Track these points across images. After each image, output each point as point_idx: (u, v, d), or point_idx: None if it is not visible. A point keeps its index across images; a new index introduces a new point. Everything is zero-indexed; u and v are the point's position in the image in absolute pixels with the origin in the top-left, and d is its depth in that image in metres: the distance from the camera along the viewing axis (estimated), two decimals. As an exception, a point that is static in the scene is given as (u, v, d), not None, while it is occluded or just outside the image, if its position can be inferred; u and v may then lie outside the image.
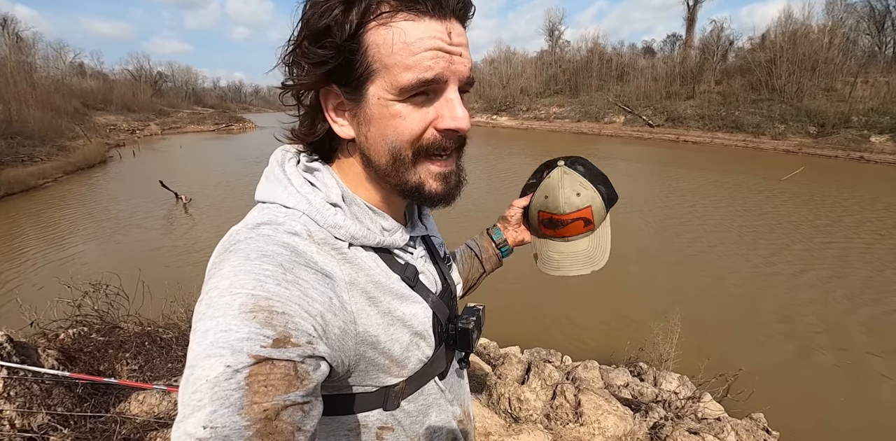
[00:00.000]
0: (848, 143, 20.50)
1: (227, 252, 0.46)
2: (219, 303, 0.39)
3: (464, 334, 0.63)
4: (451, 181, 0.53)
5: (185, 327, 2.73)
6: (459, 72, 0.48)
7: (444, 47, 0.46)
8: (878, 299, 5.89)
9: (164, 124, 38.48)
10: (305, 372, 0.39)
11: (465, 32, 0.50)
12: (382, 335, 0.51)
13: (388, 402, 0.55)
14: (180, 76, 64.81)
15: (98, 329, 2.34)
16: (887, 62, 25.62)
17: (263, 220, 0.49)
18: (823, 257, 7.49)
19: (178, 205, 11.58)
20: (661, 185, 14.02)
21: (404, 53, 0.45)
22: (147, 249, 8.36)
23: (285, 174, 0.54)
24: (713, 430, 2.29)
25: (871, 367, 4.40)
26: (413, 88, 0.46)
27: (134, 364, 2.13)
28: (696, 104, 28.49)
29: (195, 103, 60.42)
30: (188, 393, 0.35)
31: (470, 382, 0.82)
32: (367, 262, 0.53)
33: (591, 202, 0.79)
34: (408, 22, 0.45)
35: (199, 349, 0.37)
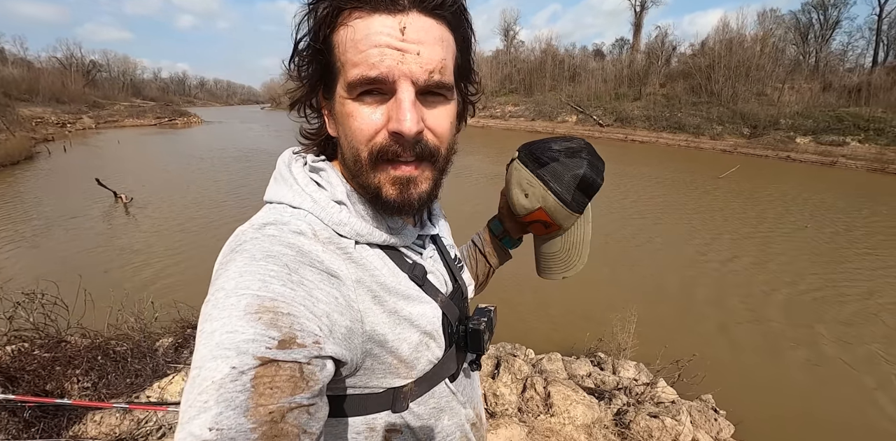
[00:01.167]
0: (777, 144, 22.38)
1: (233, 253, 0.45)
2: (224, 304, 0.39)
3: (475, 335, 0.61)
4: (409, 189, 0.50)
5: (139, 338, 2.55)
6: (411, 72, 0.45)
7: (391, 43, 0.44)
8: (793, 282, 6.50)
9: (98, 117, 35.61)
10: (311, 373, 0.39)
11: (441, 27, 0.47)
12: (390, 334, 0.51)
13: (397, 404, 0.55)
14: (117, 66, 60.25)
15: (41, 344, 2.13)
16: (810, 70, 28.19)
17: (269, 220, 0.49)
18: (746, 246, 8.15)
19: (118, 205, 10.76)
20: (607, 180, 14.67)
21: (353, 51, 0.45)
22: (85, 254, 7.71)
23: (291, 174, 0.54)
24: (670, 413, 2.45)
25: (793, 342, 4.87)
26: (358, 85, 0.46)
27: (86, 381, 1.95)
28: (643, 105, 30.01)
29: (134, 95, 56.38)
30: (194, 394, 0.35)
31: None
32: (374, 260, 0.52)
33: (542, 202, 0.68)
34: (358, 20, 0.45)
35: (205, 350, 0.37)
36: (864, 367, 4.46)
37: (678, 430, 2.29)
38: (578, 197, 0.68)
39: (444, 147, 0.51)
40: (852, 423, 3.64)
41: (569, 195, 0.67)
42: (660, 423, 2.31)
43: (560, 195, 0.67)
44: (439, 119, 0.49)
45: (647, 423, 2.29)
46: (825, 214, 10.81)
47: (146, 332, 2.73)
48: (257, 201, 0.56)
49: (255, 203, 10.88)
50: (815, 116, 22.72)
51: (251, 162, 17.75)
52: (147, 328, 2.84)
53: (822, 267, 7.27)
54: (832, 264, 7.40)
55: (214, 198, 11.62)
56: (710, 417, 2.93)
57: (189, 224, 9.40)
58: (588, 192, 0.68)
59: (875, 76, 23.84)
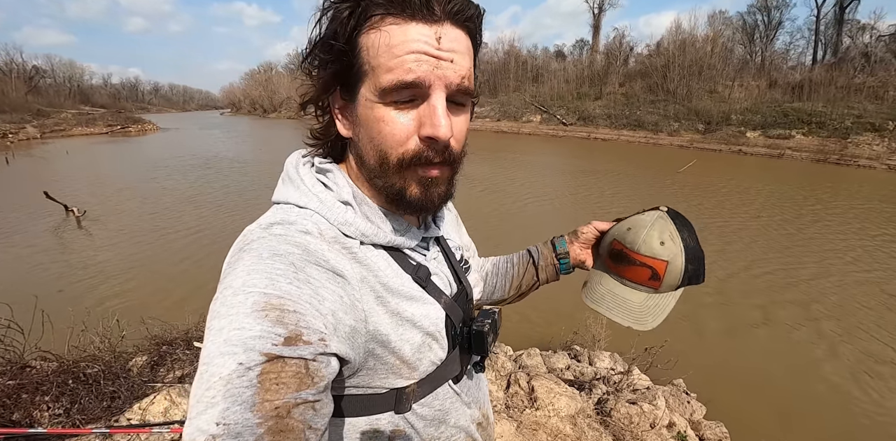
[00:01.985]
0: (729, 138, 23.62)
1: (241, 251, 0.46)
2: (232, 301, 0.40)
3: (479, 337, 0.62)
4: (432, 189, 0.52)
5: (109, 358, 2.42)
6: (446, 77, 0.47)
7: (428, 51, 0.46)
8: (748, 266, 6.90)
9: (43, 127, 33.47)
10: (316, 370, 0.40)
11: (467, 38, 0.50)
12: (392, 334, 0.52)
13: (400, 405, 0.55)
14: (62, 71, 56.85)
15: (2, 371, 1.99)
16: (757, 68, 29.95)
17: (276, 220, 0.50)
18: (705, 236, 8.57)
19: (70, 218, 10.16)
20: (573, 178, 15.08)
21: (387, 55, 0.46)
22: (37, 272, 7.23)
23: (299, 175, 0.55)
24: (647, 399, 2.56)
25: (750, 322, 5.18)
26: (393, 90, 0.46)
27: (57, 408, 1.82)
28: (604, 104, 30.99)
29: (82, 102, 53.43)
30: (202, 389, 0.36)
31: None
32: (378, 261, 0.53)
33: (671, 259, 0.68)
34: (394, 26, 0.46)
35: (212, 347, 0.38)
36: (815, 339, 4.80)
37: (656, 414, 2.40)
38: (693, 276, 0.71)
39: (461, 151, 0.53)
40: (807, 391, 3.92)
41: (691, 270, 0.70)
42: (638, 409, 2.41)
43: (687, 264, 0.69)
44: (460, 125, 0.51)
45: (626, 410, 2.39)
46: (775, 203, 11.50)
47: (116, 351, 2.60)
48: (219, 210, 0.56)
49: (215, 212, 10.53)
50: (763, 112, 24.14)
51: (211, 169, 17.14)
52: (116, 348, 2.71)
53: (776, 252, 7.75)
54: (784, 249, 7.89)
55: (172, 208, 11.15)
56: (684, 400, 3.08)
57: (147, 236, 8.98)
58: (694, 280, 0.72)
59: (815, 73, 25.57)
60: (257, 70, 77.28)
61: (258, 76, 74.09)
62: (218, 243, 8.27)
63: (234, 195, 12.52)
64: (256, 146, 27.04)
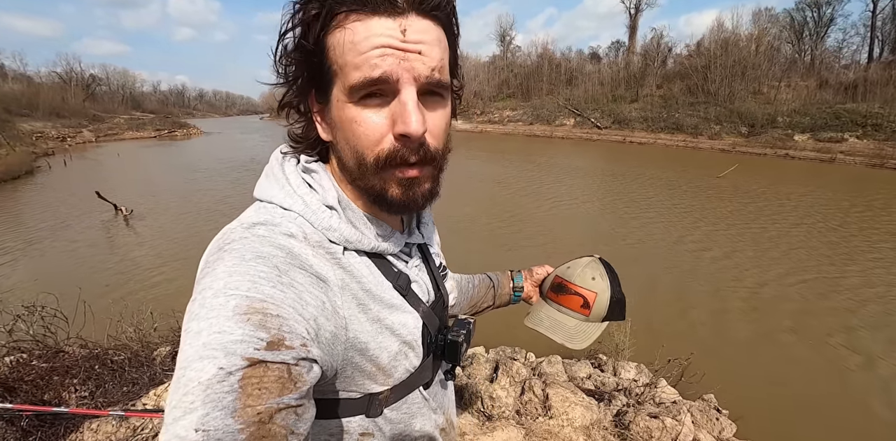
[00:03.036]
0: (775, 142, 22.41)
1: (221, 251, 0.45)
2: (213, 303, 0.39)
3: (452, 347, 0.62)
4: (414, 189, 0.50)
5: (137, 348, 2.55)
6: (414, 70, 0.45)
7: (392, 44, 0.44)
8: (785, 276, 6.48)
9: (98, 131, 35.86)
10: (299, 374, 0.39)
11: (437, 28, 0.47)
12: (371, 342, 0.51)
13: (372, 409, 0.55)
14: (116, 79, 60.71)
15: (39, 355, 2.14)
16: (806, 68, 28.33)
17: (260, 220, 0.49)
18: (742, 244, 8.14)
19: (118, 217, 10.80)
20: (604, 182, 14.69)
21: (352, 53, 0.44)
22: (85, 267, 7.73)
23: (284, 173, 0.54)
24: (671, 413, 2.44)
25: (786, 334, 4.85)
26: (360, 88, 0.45)
27: (84, 390, 1.95)
28: (640, 107, 30.13)
29: (133, 108, 56.81)
30: (179, 395, 0.34)
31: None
32: (361, 268, 0.52)
33: (599, 292, 0.85)
34: (357, 22, 0.44)
35: (191, 350, 0.36)
36: (859, 356, 4.45)
37: (678, 429, 2.28)
38: (616, 314, 0.87)
39: (441, 147, 0.51)
40: (852, 416, 3.61)
41: (615, 307, 0.87)
42: (660, 424, 2.30)
43: (612, 299, 0.86)
44: (437, 120, 0.49)
45: (646, 424, 2.28)
46: (823, 210, 10.80)
47: (144, 341, 2.74)
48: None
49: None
50: (813, 114, 22.78)
51: (252, 171, 17.84)
52: (146, 338, 2.85)
53: (818, 261, 7.28)
54: (827, 258, 7.40)
55: (214, 208, 11.67)
56: (712, 417, 2.91)
57: (188, 234, 9.44)
58: (618, 317, 0.88)
59: (871, 72, 23.94)
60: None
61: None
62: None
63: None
64: (292, 149, 27.78)
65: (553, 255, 7.38)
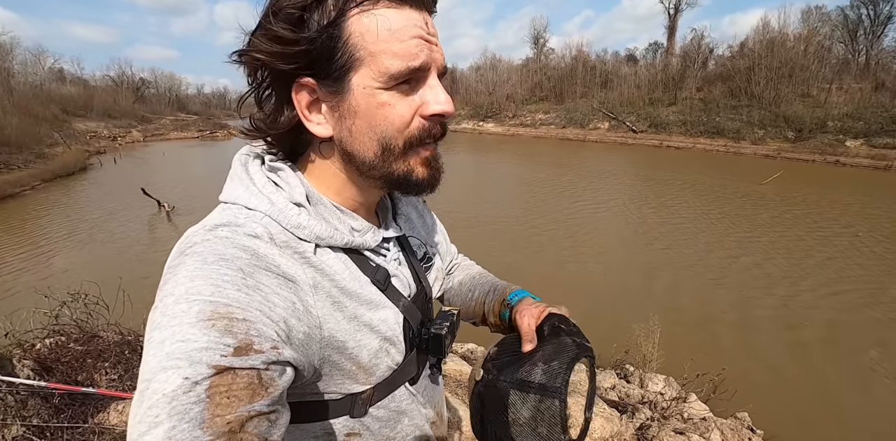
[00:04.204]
0: (824, 148, 21.14)
1: (182, 255, 0.43)
2: (174, 311, 0.37)
3: (436, 340, 0.60)
4: (435, 166, 0.53)
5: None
6: (438, 60, 0.49)
7: (424, 36, 0.47)
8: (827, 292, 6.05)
9: (146, 131, 37.89)
10: (270, 379, 0.37)
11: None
12: (350, 341, 0.50)
13: (356, 410, 0.54)
14: (163, 82, 63.90)
15: (76, 338, 2.27)
16: (860, 69, 26.65)
17: (222, 222, 0.47)
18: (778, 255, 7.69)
19: (161, 213, 11.37)
20: (635, 187, 14.26)
21: (391, 41, 0.45)
22: (128, 258, 8.17)
23: (248, 174, 0.52)
24: (698, 430, 2.32)
25: (824, 357, 4.53)
26: (402, 76, 0.46)
27: (113, 373, 2.07)
28: (679, 110, 29.12)
29: (179, 110, 59.73)
30: (143, 408, 0.33)
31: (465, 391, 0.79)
32: (335, 264, 0.51)
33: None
34: (390, 10, 0.45)
35: (153, 361, 0.35)
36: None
37: (706, 447, 2.16)
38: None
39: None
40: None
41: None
42: (685, 440, 2.19)
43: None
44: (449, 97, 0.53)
45: (671, 440, 2.18)
46: (876, 221, 10.09)
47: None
48: None
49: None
50: (867, 118, 21.35)
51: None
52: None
53: (861, 272, 6.81)
54: (867, 270, 6.91)
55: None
56: (745, 437, 2.76)
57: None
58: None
59: (935, 74, 22.24)
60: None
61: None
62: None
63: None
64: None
65: (571, 259, 7.21)
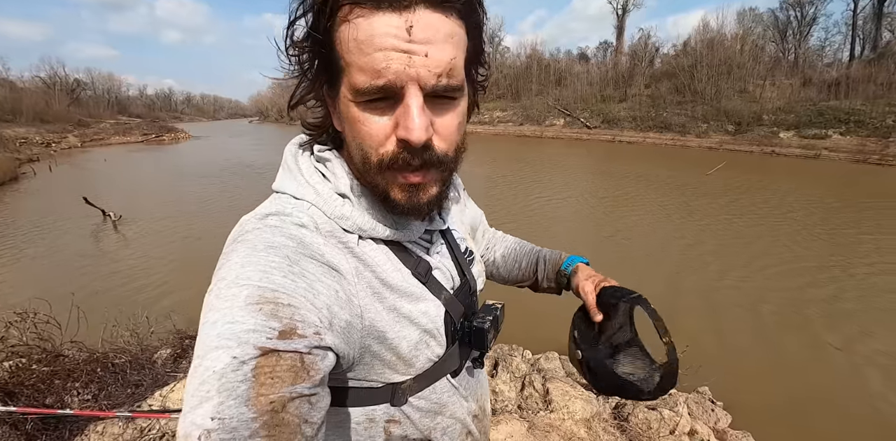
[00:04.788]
0: (761, 139, 22.78)
1: (235, 242, 0.46)
2: (226, 294, 0.39)
3: (479, 334, 0.60)
4: (418, 194, 0.48)
5: (136, 351, 2.54)
6: (420, 77, 0.42)
7: (398, 46, 0.41)
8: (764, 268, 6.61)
9: (84, 136, 35.28)
10: (312, 363, 0.39)
11: (450, 21, 0.43)
12: (389, 331, 0.51)
13: (396, 398, 0.55)
14: (101, 84, 59.78)
15: (39, 359, 2.12)
16: (790, 66, 28.88)
17: (272, 211, 0.49)
18: (729, 239, 8.28)
19: (107, 222, 10.66)
20: (593, 180, 14.84)
21: (356, 53, 0.42)
22: (76, 273, 7.61)
23: (297, 164, 0.54)
24: (668, 405, 2.49)
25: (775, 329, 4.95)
26: (366, 93, 0.43)
27: (86, 393, 1.94)
28: (629, 106, 30.42)
29: (120, 113, 56.09)
30: (196, 384, 0.35)
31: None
32: (377, 255, 0.52)
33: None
34: (360, 18, 0.41)
35: (206, 340, 0.37)
36: (852, 347, 4.55)
37: (676, 421, 2.33)
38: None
39: (451, 150, 0.48)
40: (848, 405, 3.70)
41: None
42: (658, 415, 2.34)
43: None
44: (446, 123, 0.47)
45: (645, 416, 2.33)
46: (810, 205, 11.02)
47: (143, 345, 2.73)
48: (242, 214, 0.54)
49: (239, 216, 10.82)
50: (797, 111, 23.20)
51: (240, 175, 17.69)
52: (143, 341, 2.84)
53: (796, 254, 7.46)
54: (812, 251, 7.56)
55: (203, 211, 11.58)
56: (708, 408, 2.97)
57: (178, 238, 9.37)
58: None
59: (853, 70, 24.44)
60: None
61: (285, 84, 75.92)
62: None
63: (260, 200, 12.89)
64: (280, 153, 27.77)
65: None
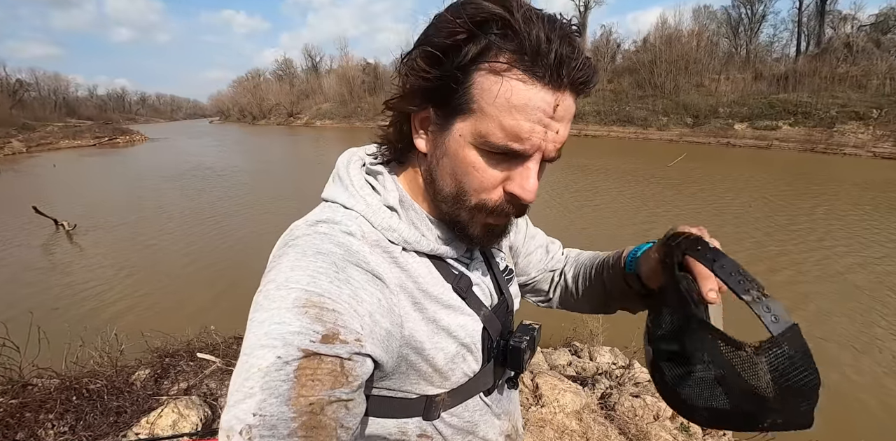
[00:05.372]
0: (717, 131, 23.88)
1: (286, 246, 0.48)
2: (275, 295, 0.41)
3: (515, 353, 0.60)
4: (494, 233, 0.53)
5: (111, 373, 2.40)
6: (547, 150, 0.47)
7: (543, 121, 0.45)
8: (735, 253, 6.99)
9: (29, 141, 33.09)
10: (351, 369, 0.40)
11: (575, 103, 0.47)
12: (427, 342, 0.51)
13: (429, 412, 0.55)
14: (47, 84, 56.21)
15: (3, 390, 1.97)
16: (742, 61, 30.31)
17: (322, 218, 0.51)
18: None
19: (60, 233, 10.03)
20: (562, 175, 15.16)
21: (504, 112, 0.44)
22: (29, 289, 7.11)
23: (349, 175, 0.55)
24: (650, 391, 2.59)
25: (739, 310, 5.25)
26: (497, 149, 0.46)
27: (62, 425, 1.78)
28: (593, 101, 31.10)
29: (69, 115, 52.87)
30: (241, 379, 0.37)
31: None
32: (419, 268, 0.53)
33: None
34: (519, 82, 0.43)
35: (253, 338, 0.39)
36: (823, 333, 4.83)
37: (659, 406, 2.43)
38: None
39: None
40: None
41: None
42: (642, 402, 2.44)
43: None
44: (539, 182, 0.51)
45: (630, 403, 2.41)
46: (764, 191, 11.67)
47: (117, 366, 2.58)
48: (208, 221, 0.51)
49: (204, 223, 10.41)
50: (750, 104, 24.42)
51: (199, 177, 17.03)
52: (117, 362, 2.69)
53: (757, 240, 7.88)
54: (773, 238, 8.01)
55: (167, 219, 11.09)
56: (686, 393, 3.11)
57: (138, 247, 8.90)
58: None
59: (799, 64, 25.92)
60: (245, 77, 76.92)
61: (246, 83, 73.67)
62: (214, 253, 8.23)
63: (228, 205, 12.46)
64: (246, 155, 26.97)
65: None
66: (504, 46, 0.43)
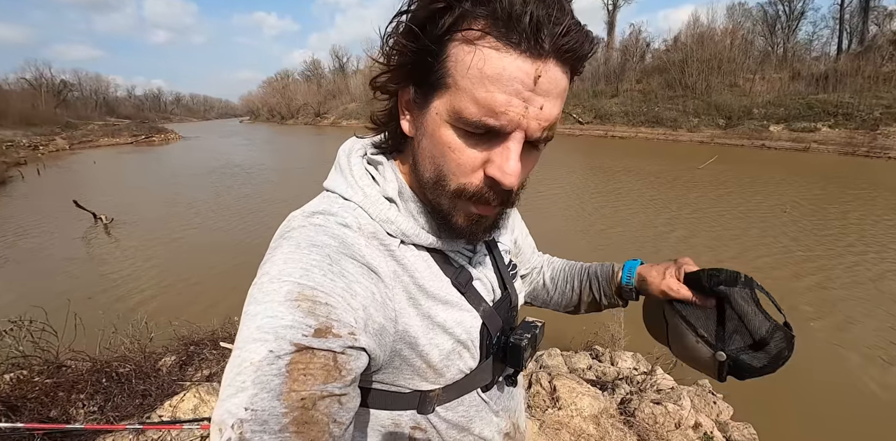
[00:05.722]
0: (751, 133, 23.03)
1: (281, 238, 0.47)
2: (268, 288, 0.40)
3: (515, 350, 0.58)
4: (480, 224, 0.49)
5: (139, 358, 2.50)
6: (529, 128, 0.42)
7: (521, 93, 0.40)
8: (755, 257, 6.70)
9: (72, 138, 34.80)
10: (344, 363, 0.39)
11: (566, 77, 0.43)
12: (422, 338, 0.50)
13: (422, 406, 0.54)
14: (89, 85, 59.00)
15: (40, 371, 2.08)
16: (779, 60, 29.13)
17: (319, 209, 0.50)
18: (723, 232, 8.37)
19: (98, 226, 10.52)
20: (586, 176, 14.90)
21: (476, 83, 0.41)
22: (68, 278, 7.51)
23: (349, 165, 0.54)
24: (671, 399, 2.51)
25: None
26: (472, 126, 0.42)
27: (92, 405, 1.89)
28: (620, 102, 30.57)
29: (108, 114, 55.47)
30: (233, 373, 0.36)
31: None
32: (417, 262, 0.51)
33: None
34: (492, 50, 0.40)
35: (246, 332, 0.38)
36: (849, 343, 4.62)
37: (681, 414, 2.35)
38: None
39: (521, 190, 0.50)
40: (848, 394, 3.76)
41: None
42: (663, 409, 2.37)
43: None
44: (527, 166, 0.47)
45: (651, 410, 2.35)
46: (801, 197, 11.15)
47: (146, 352, 2.69)
48: (238, 217, 0.52)
49: (235, 218, 10.75)
50: (787, 105, 23.45)
51: (229, 175, 17.55)
52: (146, 348, 2.80)
53: (784, 245, 7.54)
54: (799, 243, 7.66)
55: (194, 212, 11.48)
56: (710, 401, 3.00)
57: (171, 239, 9.26)
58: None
59: (841, 63, 24.71)
60: (275, 78, 78.87)
61: (276, 84, 75.59)
62: (239, 248, 8.47)
63: (255, 202, 12.79)
64: (274, 154, 27.61)
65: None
66: (477, 13, 0.40)
